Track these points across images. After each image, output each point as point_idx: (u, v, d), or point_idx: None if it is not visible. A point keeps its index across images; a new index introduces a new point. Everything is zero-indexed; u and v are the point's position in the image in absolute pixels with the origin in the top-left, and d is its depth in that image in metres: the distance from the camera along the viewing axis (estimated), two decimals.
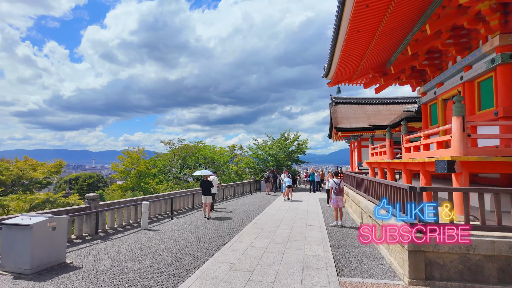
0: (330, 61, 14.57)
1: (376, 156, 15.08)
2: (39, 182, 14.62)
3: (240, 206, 15.93)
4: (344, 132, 26.02)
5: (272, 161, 26.63)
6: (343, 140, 33.04)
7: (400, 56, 13.68)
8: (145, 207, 10.27)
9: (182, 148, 29.94)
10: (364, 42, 12.14)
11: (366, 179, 10.70)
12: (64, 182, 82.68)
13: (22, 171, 13.73)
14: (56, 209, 8.12)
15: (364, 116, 27.37)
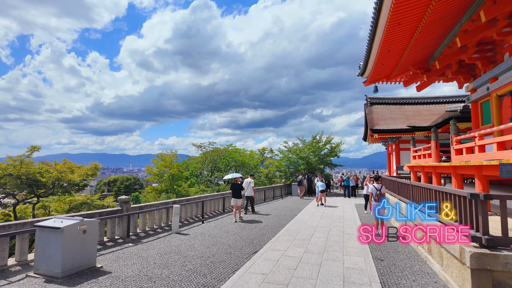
0: (366, 58, 13.73)
1: (419, 159, 13.92)
2: (76, 184, 15.28)
3: (271, 210, 15.45)
4: (381, 134, 24.64)
5: (303, 165, 25.86)
6: (379, 142, 31.41)
7: (446, 49, 12.50)
8: (176, 211, 10.14)
9: (213, 151, 30.13)
10: (405, 36, 11.23)
11: (410, 184, 9.77)
12: (104, 184, 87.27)
13: (60, 174, 14.42)
14: (89, 212, 8.19)
15: (402, 117, 25.78)
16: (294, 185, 24.43)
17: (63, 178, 14.24)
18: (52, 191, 14.57)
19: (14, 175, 12.88)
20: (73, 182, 14.83)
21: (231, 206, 13.50)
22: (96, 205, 14.84)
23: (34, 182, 13.49)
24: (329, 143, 26.68)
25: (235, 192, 12.50)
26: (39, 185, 13.84)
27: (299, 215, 13.64)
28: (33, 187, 13.57)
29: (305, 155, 25.63)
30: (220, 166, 32.08)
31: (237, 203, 12.51)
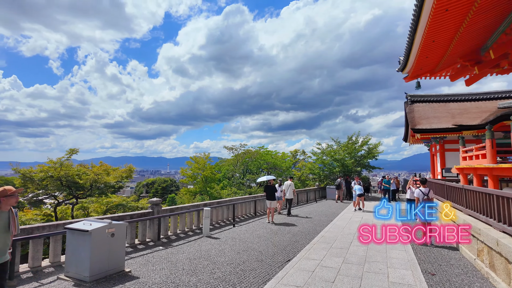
0: (408, 51, 12.68)
1: (470, 161, 12.55)
2: (112, 186, 15.81)
3: (305, 215, 14.78)
4: (424, 134, 22.88)
5: (338, 167, 24.76)
6: (420, 143, 29.31)
7: (502, 37, 11.10)
8: (207, 213, 9.92)
9: (244, 154, 29.98)
10: (453, 24, 10.12)
11: (463, 189, 8.68)
12: (142, 186, 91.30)
13: (97, 176, 14.98)
14: (121, 214, 8.20)
15: (447, 115, 23.79)
16: (329, 188, 23.45)
17: (99, 180, 14.80)
18: (90, 193, 15.18)
19: (55, 177, 13.60)
20: (108, 184, 15.37)
21: (265, 208, 13.61)
22: (130, 206, 15.22)
23: (72, 184, 14.15)
24: (366, 144, 25.33)
25: (268, 194, 12.39)
26: (78, 186, 14.50)
27: (335, 221, 12.85)
28: (72, 189, 14.24)
29: (341, 157, 24.52)
30: (251, 168, 31.85)
31: (271, 205, 12.39)
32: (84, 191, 14.82)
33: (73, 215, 14.11)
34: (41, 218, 12.90)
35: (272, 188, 12.62)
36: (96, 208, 15.47)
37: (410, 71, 14.88)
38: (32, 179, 13.57)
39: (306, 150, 37.00)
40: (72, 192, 14.34)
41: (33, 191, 13.60)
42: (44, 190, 13.79)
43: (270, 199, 12.40)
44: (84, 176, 14.76)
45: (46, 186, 13.57)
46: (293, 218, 13.57)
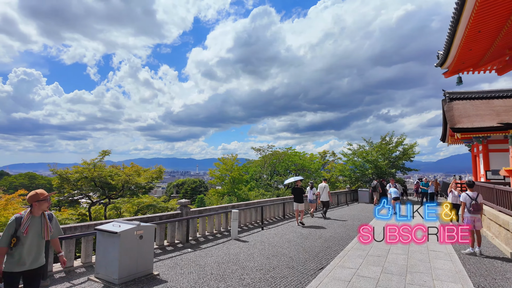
0: (448, 44, 11.76)
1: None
2: (143, 187, 16.15)
3: (336, 218, 14.16)
4: (465, 134, 21.24)
5: (371, 169, 23.67)
6: (460, 143, 27.35)
7: None
8: (235, 216, 9.71)
9: (272, 155, 29.63)
10: (502, 11, 9.19)
11: None
12: (173, 187, 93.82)
13: (128, 177, 15.36)
14: (150, 215, 8.21)
15: (491, 112, 21.94)
16: (361, 191, 22.48)
17: (130, 181, 15.16)
18: (121, 193, 15.60)
19: (89, 177, 14.11)
20: (139, 184, 15.71)
21: (294, 211, 13.54)
22: (160, 207, 15.46)
23: (105, 185, 14.63)
24: (401, 144, 24.01)
25: (296, 196, 12.18)
26: (110, 187, 14.97)
27: (371, 225, 12.13)
28: (105, 189, 14.72)
29: (373, 158, 23.41)
30: (279, 169, 31.43)
31: (298, 207, 12.20)
32: (116, 191, 15.27)
33: (106, 215, 14.58)
34: (76, 218, 13.43)
35: (300, 190, 12.40)
36: (128, 208, 15.86)
37: (451, 65, 13.83)
38: (68, 179, 14.19)
39: (335, 151, 35.86)
40: (105, 192, 14.84)
41: (69, 191, 14.20)
42: (79, 191, 14.35)
43: (298, 201, 12.19)
44: (116, 177, 15.22)
45: (81, 187, 14.14)
46: (324, 222, 13.03)
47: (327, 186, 14.42)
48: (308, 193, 14.46)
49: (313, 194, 14.24)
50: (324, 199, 14.14)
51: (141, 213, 15.49)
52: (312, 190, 14.23)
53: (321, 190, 14.18)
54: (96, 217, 14.82)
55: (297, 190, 12.38)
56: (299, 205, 12.18)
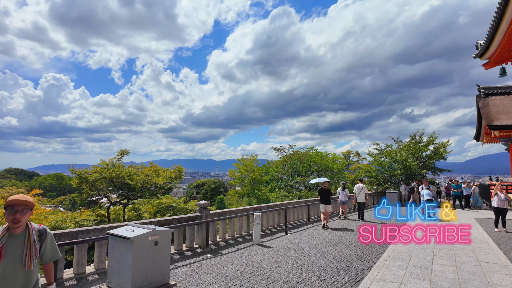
0: (493, 31, 10.61)
1: None
2: (162, 188, 15.81)
3: (366, 222, 13.16)
4: (503, 131, 19.55)
5: (400, 169, 22.27)
6: (497, 142, 25.34)
7: None
8: (257, 219, 9.04)
9: (293, 155, 28.73)
10: None
11: None
12: (193, 187, 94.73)
13: (147, 177, 15.06)
14: (168, 218, 7.70)
15: None
16: (389, 193, 21.20)
17: (149, 181, 14.83)
18: (140, 194, 15.34)
19: (107, 178, 13.90)
20: (158, 185, 15.37)
21: (319, 213, 13.22)
22: (179, 208, 15.05)
23: (124, 185, 14.39)
24: (432, 143, 22.46)
25: (323, 198, 11.79)
26: (129, 187, 14.71)
27: None
28: (124, 190, 14.49)
29: (402, 158, 22.01)
30: (300, 170, 30.48)
31: (326, 209, 11.75)
32: (135, 192, 15.02)
33: (125, 216, 14.36)
34: (94, 219, 13.25)
35: (327, 192, 12.00)
36: (148, 209, 15.60)
37: (493, 55, 12.54)
38: (87, 180, 14.06)
39: (358, 151, 34.41)
40: (123, 193, 14.61)
41: (88, 192, 14.07)
42: (97, 191, 14.20)
43: (325, 202, 11.78)
44: (134, 177, 14.94)
45: (99, 187, 13.96)
46: (353, 226, 12.10)
47: (365, 187, 13.99)
48: (340, 194, 14.03)
49: (345, 195, 13.77)
50: (361, 200, 13.71)
51: (160, 214, 15.15)
52: (345, 191, 13.79)
53: (357, 191, 13.82)
54: (115, 218, 14.65)
55: (324, 192, 11.97)
56: (327, 206, 11.75)
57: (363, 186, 14.03)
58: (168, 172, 16.57)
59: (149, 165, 17.09)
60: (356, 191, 13.98)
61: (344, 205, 13.94)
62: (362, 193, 13.78)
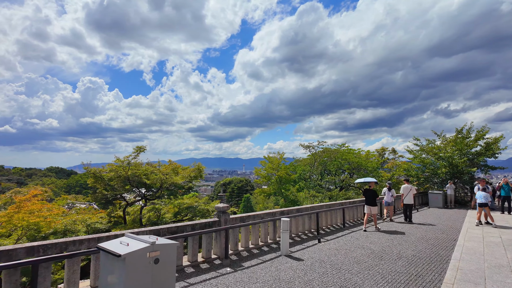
0: None
1: None
2: (181, 187, 14.85)
3: (410, 229, 11.40)
4: None
5: (445, 167, 19.87)
6: None
7: None
8: (285, 225, 7.74)
9: (322, 152, 26.91)
10: None
11: None
12: (220, 186, 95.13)
13: (165, 176, 14.17)
14: (180, 224, 6.61)
15: None
16: (432, 194, 18.98)
17: (167, 180, 13.89)
18: (159, 194, 14.52)
19: (122, 176, 13.18)
20: (177, 184, 14.40)
21: (357, 216, 12.69)
22: (200, 210, 14.05)
23: (140, 184, 13.62)
24: (482, 138, 19.82)
25: (369, 199, 11.19)
26: (147, 187, 13.91)
27: (462, 241, 9.25)
28: (140, 189, 13.69)
29: (448, 154, 19.59)
30: (330, 168, 28.62)
31: (371, 211, 11.12)
32: (153, 191, 14.21)
33: (144, 217, 13.56)
34: (108, 221, 12.59)
35: (373, 193, 11.28)
36: (170, 209, 14.79)
37: None
38: (102, 178, 13.43)
39: (390, 149, 31.73)
40: (140, 193, 13.84)
41: (101, 192, 13.41)
42: (112, 191, 13.48)
43: (370, 204, 11.15)
44: (152, 176, 14.14)
45: (113, 186, 13.21)
46: (401, 230, 10.43)
47: (413, 187, 13.11)
48: (385, 195, 13.21)
49: (391, 196, 12.95)
50: (408, 202, 12.87)
51: (180, 216, 14.26)
52: (391, 192, 12.96)
53: (405, 191, 13.06)
54: (133, 219, 13.91)
55: (370, 192, 11.29)
56: (372, 208, 11.09)
57: (411, 186, 13.15)
58: (187, 170, 15.58)
59: (168, 162, 16.27)
60: (404, 191, 13.13)
61: (389, 207, 13.15)
62: (410, 194, 12.96)
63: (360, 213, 13.60)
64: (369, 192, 11.31)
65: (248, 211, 64.34)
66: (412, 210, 13.15)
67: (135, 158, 14.55)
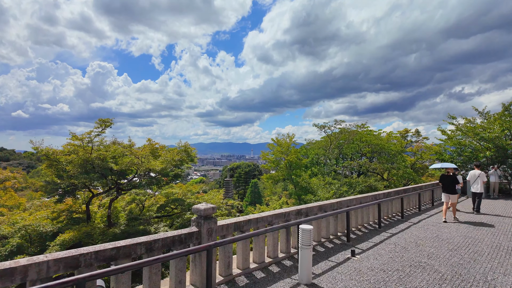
0: None
1: None
2: (165, 174, 11.64)
3: (492, 221, 8.47)
4: None
5: (490, 150, 16.59)
6: None
7: None
8: (306, 237, 4.87)
9: (340, 134, 23.69)
10: None
11: None
12: (227, 170, 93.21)
13: (140, 159, 10.99)
14: (121, 244, 3.80)
15: None
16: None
17: (142, 164, 10.75)
18: (136, 182, 11.48)
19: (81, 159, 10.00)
20: (155, 170, 11.25)
21: (443, 203, 11.46)
22: (189, 204, 11.16)
23: (107, 170, 10.56)
24: None
25: (446, 186, 10.28)
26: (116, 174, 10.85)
27: None
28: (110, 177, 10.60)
29: (494, 134, 16.25)
30: (347, 152, 25.52)
31: (450, 199, 10.11)
32: (126, 180, 11.14)
33: (109, 214, 10.57)
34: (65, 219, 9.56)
35: (452, 179, 10.23)
36: (159, 199, 12.09)
37: None
38: (58, 161, 10.43)
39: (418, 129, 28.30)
40: (108, 181, 10.70)
41: (53, 180, 10.46)
42: (69, 179, 10.42)
43: (449, 192, 10.17)
44: (122, 160, 11.04)
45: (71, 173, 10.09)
46: (475, 224, 7.53)
47: (483, 173, 11.45)
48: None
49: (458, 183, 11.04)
50: (477, 190, 11.48)
51: (165, 210, 11.53)
52: (458, 179, 11.37)
53: (472, 178, 11.61)
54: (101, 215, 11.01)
55: (449, 178, 10.28)
56: (451, 196, 10.09)
57: (480, 172, 11.49)
58: (171, 153, 12.15)
59: (147, 142, 13.02)
60: (471, 178, 11.65)
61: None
62: (479, 181, 11.40)
63: (396, 207, 10.70)
64: (448, 178, 10.29)
65: (256, 197, 61.93)
66: (481, 199, 11.69)
67: (99, 134, 11.06)
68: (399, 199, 10.47)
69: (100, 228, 9.25)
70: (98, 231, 8.75)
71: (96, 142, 10.79)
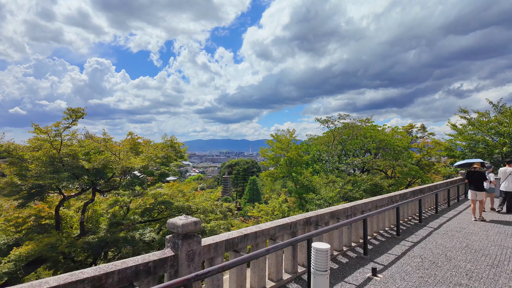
0: None
1: None
2: (150, 173, 10.23)
3: (497, 238, 7.31)
4: None
5: (506, 145, 15.43)
6: None
7: None
8: (322, 259, 3.69)
9: (343, 129, 22.43)
10: None
11: None
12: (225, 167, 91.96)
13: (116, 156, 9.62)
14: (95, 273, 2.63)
15: None
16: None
17: (119, 162, 9.19)
18: (116, 183, 10.06)
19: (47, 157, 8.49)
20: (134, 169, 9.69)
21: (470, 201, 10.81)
22: (176, 208, 9.80)
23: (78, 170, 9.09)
24: None
25: (474, 183, 9.70)
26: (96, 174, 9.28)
27: None
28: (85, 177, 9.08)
29: (510, 129, 15.05)
30: (349, 148, 24.31)
31: (477, 196, 9.55)
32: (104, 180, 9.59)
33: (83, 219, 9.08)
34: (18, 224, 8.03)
35: (480, 175, 9.62)
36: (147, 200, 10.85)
37: None
38: (21, 159, 8.96)
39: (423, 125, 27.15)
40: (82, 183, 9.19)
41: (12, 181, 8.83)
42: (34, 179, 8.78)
43: (476, 189, 9.58)
44: (95, 157, 9.50)
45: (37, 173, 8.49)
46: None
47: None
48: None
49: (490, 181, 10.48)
50: (508, 189, 10.51)
51: (150, 215, 10.29)
52: (488, 176, 10.43)
53: (503, 176, 10.72)
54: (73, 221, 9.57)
55: (476, 175, 9.67)
56: (479, 193, 9.52)
57: (511, 169, 10.48)
58: (155, 149, 10.60)
59: (128, 136, 11.24)
60: (502, 176, 10.80)
61: (490, 194, 11.31)
62: (510, 179, 10.50)
63: (411, 210, 9.53)
64: (475, 175, 9.68)
65: (254, 194, 60.67)
66: (511, 198, 10.67)
67: (69, 127, 9.29)
68: (417, 201, 9.31)
69: (71, 237, 7.96)
70: (65, 241, 7.43)
71: (66, 136, 9.38)
